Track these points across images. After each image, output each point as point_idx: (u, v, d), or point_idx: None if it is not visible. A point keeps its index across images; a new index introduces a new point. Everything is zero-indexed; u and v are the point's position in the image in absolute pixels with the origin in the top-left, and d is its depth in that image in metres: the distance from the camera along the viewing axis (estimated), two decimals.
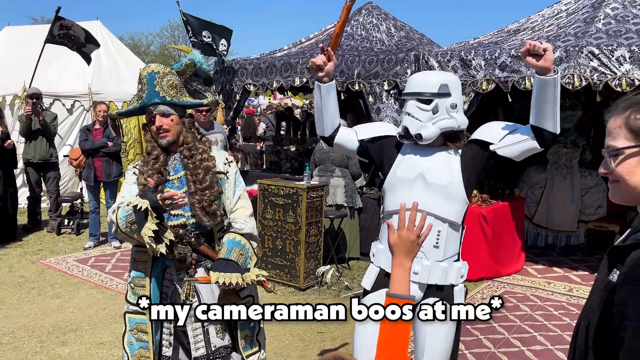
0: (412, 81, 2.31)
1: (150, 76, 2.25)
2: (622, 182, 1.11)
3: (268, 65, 6.58)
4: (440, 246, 2.26)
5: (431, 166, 2.27)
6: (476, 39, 5.88)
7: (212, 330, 2.34)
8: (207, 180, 2.25)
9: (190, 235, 2.28)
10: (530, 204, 6.74)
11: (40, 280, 5.22)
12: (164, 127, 2.25)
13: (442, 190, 2.24)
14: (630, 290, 0.97)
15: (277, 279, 5.19)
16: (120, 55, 9.88)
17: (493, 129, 2.30)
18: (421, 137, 2.23)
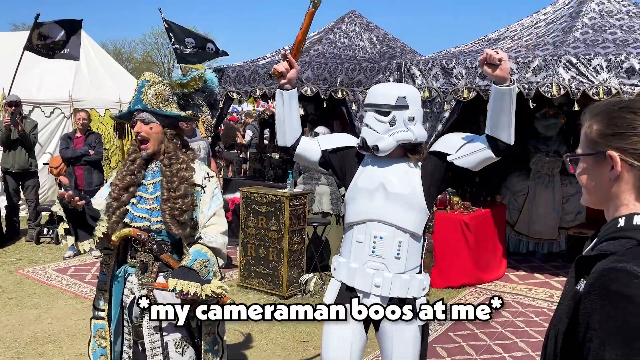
0: (371, 93, 2.32)
1: (142, 83, 2.32)
2: (583, 186, 1.20)
3: (251, 72, 6.58)
4: (402, 257, 2.25)
5: (391, 177, 2.27)
6: (457, 48, 5.94)
7: (172, 344, 2.28)
8: (181, 189, 2.24)
9: (152, 242, 2.26)
10: (513, 210, 6.81)
11: (18, 290, 5.12)
12: (141, 134, 2.27)
13: (403, 200, 2.24)
14: (595, 301, 0.99)
15: (259, 288, 5.17)
16: (101, 62, 9.80)
17: (450, 140, 2.32)
18: (378, 149, 2.23)
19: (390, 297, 2.24)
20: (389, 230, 2.24)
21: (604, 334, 0.96)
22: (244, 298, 5.04)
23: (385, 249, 2.24)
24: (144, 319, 2.27)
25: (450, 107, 5.31)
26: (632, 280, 0.96)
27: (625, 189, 1.11)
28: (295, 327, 4.37)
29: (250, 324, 4.41)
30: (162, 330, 2.27)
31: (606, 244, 1.08)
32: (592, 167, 1.16)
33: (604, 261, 1.03)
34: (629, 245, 1.04)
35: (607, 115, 1.14)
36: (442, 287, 5.42)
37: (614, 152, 1.10)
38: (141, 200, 2.30)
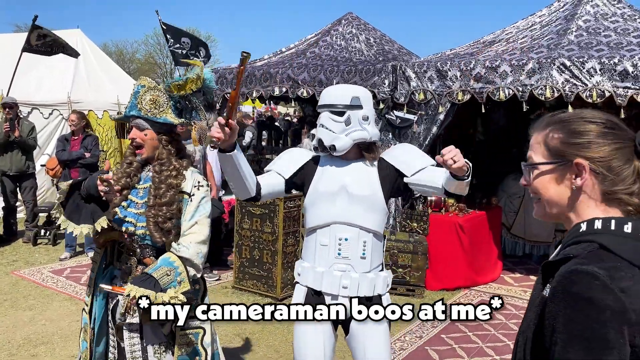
0: (325, 94, 2.35)
1: (137, 89, 2.30)
2: (541, 197, 1.19)
3: (248, 74, 6.59)
4: (367, 257, 2.30)
5: (352, 178, 2.30)
6: (452, 50, 5.95)
7: (150, 349, 2.29)
8: (167, 196, 2.23)
9: (135, 246, 2.27)
10: (509, 213, 6.81)
11: (13, 292, 5.14)
12: (136, 141, 2.28)
13: (366, 200, 2.28)
14: (559, 304, 1.00)
15: (254, 290, 5.18)
16: (100, 64, 9.83)
17: (409, 159, 2.34)
18: (335, 148, 2.25)
19: (358, 296, 2.26)
20: (354, 232, 2.28)
21: (567, 336, 0.98)
22: (237, 300, 5.05)
23: (351, 250, 2.28)
24: (125, 321, 2.29)
25: (445, 109, 5.32)
26: (593, 282, 0.98)
27: (587, 196, 1.13)
28: (288, 330, 4.38)
29: (243, 326, 4.42)
30: (141, 335, 2.28)
31: (569, 248, 1.10)
32: (555, 176, 1.16)
33: (566, 264, 1.05)
34: (590, 248, 1.06)
35: (567, 124, 1.15)
36: (436, 289, 5.42)
37: (582, 160, 1.11)
38: (131, 204, 2.31)
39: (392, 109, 5.61)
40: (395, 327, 4.41)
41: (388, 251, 5.27)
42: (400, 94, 5.55)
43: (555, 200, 1.17)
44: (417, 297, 5.22)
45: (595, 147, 1.11)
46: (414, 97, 5.47)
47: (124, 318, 2.29)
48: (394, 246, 5.28)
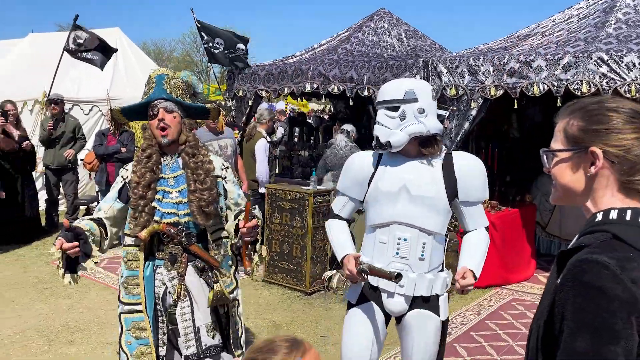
0: (381, 91, 2.31)
1: (160, 77, 2.37)
2: (557, 182, 1.19)
3: (280, 71, 6.65)
4: (426, 258, 2.25)
5: (414, 177, 2.24)
6: (485, 45, 5.86)
7: (203, 329, 2.40)
8: (208, 181, 2.33)
9: (181, 235, 2.34)
10: (544, 211, 6.66)
11: (53, 280, 5.34)
12: (165, 122, 2.32)
13: (428, 202, 2.22)
14: (568, 292, 1.00)
15: (283, 283, 5.24)
16: (138, 62, 10.08)
17: (470, 186, 2.27)
18: (390, 145, 2.20)
19: (415, 296, 2.27)
20: (413, 232, 2.23)
21: (575, 324, 0.98)
22: (268, 293, 5.12)
23: (409, 251, 2.24)
24: (177, 306, 2.39)
25: (478, 105, 5.24)
26: (603, 272, 0.98)
27: (603, 184, 1.12)
28: (316, 323, 4.42)
29: (272, 318, 4.49)
30: (194, 317, 2.38)
31: (583, 238, 1.11)
32: (571, 163, 1.16)
33: (578, 253, 1.05)
34: (604, 238, 1.06)
35: (588, 112, 1.14)
36: None
37: (596, 149, 1.11)
38: (165, 194, 2.37)
39: None
40: None
41: None
42: None
43: (570, 187, 1.17)
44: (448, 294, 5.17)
45: (614, 135, 1.10)
46: (445, 93, 5.41)
47: (175, 304, 2.39)
48: None
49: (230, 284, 2.51)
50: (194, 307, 2.39)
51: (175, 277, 2.38)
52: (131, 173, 2.40)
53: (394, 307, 2.29)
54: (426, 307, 2.27)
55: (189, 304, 2.39)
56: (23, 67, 10.13)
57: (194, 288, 2.39)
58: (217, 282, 2.41)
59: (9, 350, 3.79)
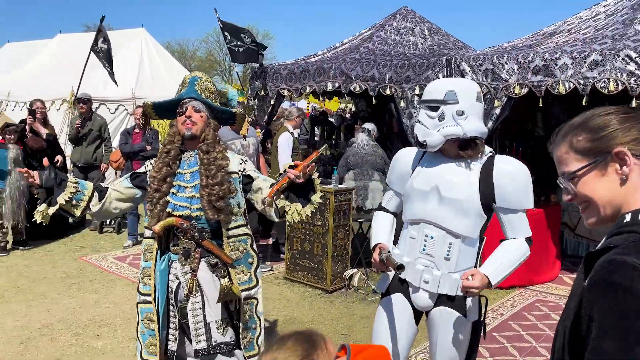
0: (426, 89, 2.32)
1: (193, 79, 2.49)
2: (592, 201, 1.14)
3: (302, 70, 6.68)
4: (452, 259, 2.23)
5: (447, 178, 2.23)
6: (510, 43, 5.79)
7: (213, 325, 2.43)
8: (218, 177, 2.38)
9: (194, 230, 2.38)
10: (572, 212, 6.54)
11: (80, 276, 5.47)
12: (192, 119, 2.41)
13: (457, 205, 2.20)
14: (596, 293, 0.99)
15: (305, 281, 5.27)
16: (162, 62, 10.23)
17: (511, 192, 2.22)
18: (426, 145, 2.21)
19: (440, 294, 2.27)
20: (440, 232, 2.24)
21: (604, 325, 0.97)
22: (289, 290, 5.16)
23: (435, 249, 2.24)
24: (189, 301, 2.42)
25: (501, 103, 5.19)
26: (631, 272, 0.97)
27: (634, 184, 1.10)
28: (337, 321, 4.44)
29: (294, 314, 4.52)
30: (204, 312, 2.41)
31: (612, 239, 1.09)
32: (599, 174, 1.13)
33: (606, 255, 1.04)
34: (632, 239, 1.04)
35: (585, 125, 1.15)
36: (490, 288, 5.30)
37: (621, 148, 1.09)
38: (180, 189, 2.44)
39: None
40: None
41: None
42: None
43: (609, 198, 1.13)
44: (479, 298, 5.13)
45: (622, 132, 1.10)
46: None
47: (187, 298, 2.42)
48: None
49: (249, 281, 2.52)
50: (205, 302, 2.42)
51: (188, 272, 2.42)
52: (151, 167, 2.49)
53: (419, 301, 2.32)
54: (450, 306, 2.26)
55: (201, 300, 2.42)
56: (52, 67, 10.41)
57: (206, 284, 2.43)
58: (224, 278, 2.42)
59: (38, 343, 3.90)
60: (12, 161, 5.93)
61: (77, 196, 2.42)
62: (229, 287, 2.39)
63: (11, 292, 4.94)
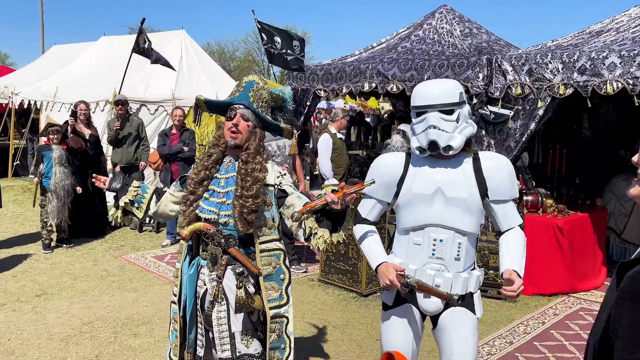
0: (426, 94, 2.23)
1: (249, 83, 2.45)
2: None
3: (338, 70, 6.64)
4: (461, 258, 2.27)
5: (448, 179, 2.24)
6: (554, 41, 5.59)
7: (238, 335, 2.39)
8: (254, 189, 2.33)
9: (220, 236, 2.35)
10: (619, 216, 6.28)
11: (120, 274, 5.59)
12: (239, 127, 2.38)
13: (462, 203, 2.23)
14: (624, 304, 0.96)
15: (339, 284, 5.23)
16: (201, 64, 10.36)
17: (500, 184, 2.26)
18: (452, 148, 2.19)
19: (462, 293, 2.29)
20: (449, 234, 2.25)
21: (630, 336, 0.93)
22: (323, 293, 5.13)
23: (445, 251, 2.27)
24: (214, 309, 2.40)
25: (545, 104, 5.02)
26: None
27: None
28: (372, 325, 4.38)
29: (327, 319, 4.48)
30: (229, 322, 2.39)
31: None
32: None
33: (638, 266, 0.98)
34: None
35: None
36: (531, 294, 5.16)
37: None
38: (213, 193, 2.42)
39: (486, 104, 5.39)
40: (484, 330, 4.26)
41: (479, 252, 5.08)
42: (495, 88, 5.31)
43: None
44: (510, 301, 4.99)
45: None
46: (510, 92, 5.21)
47: (212, 306, 2.41)
48: (485, 247, 5.09)
49: (279, 299, 2.44)
50: (230, 311, 2.39)
51: (215, 279, 2.39)
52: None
53: (429, 306, 2.31)
54: (462, 305, 2.30)
55: (226, 308, 2.39)
56: (96, 69, 10.70)
57: (231, 292, 2.38)
58: (240, 288, 2.35)
59: (78, 340, 4.00)
60: (57, 161, 6.11)
61: (138, 199, 2.60)
62: (244, 299, 2.33)
63: (54, 289, 5.09)
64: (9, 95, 11.20)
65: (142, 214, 2.61)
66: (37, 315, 4.45)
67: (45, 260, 6.02)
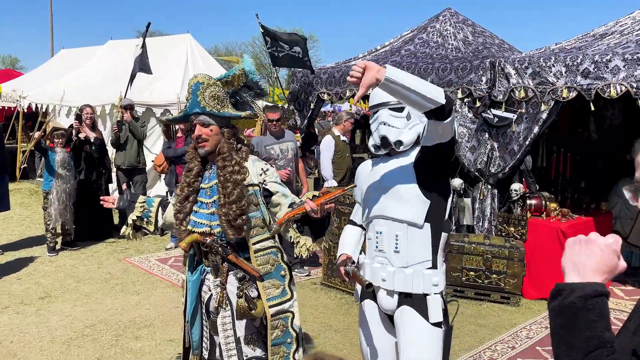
0: (377, 93, 2.29)
1: (195, 86, 2.32)
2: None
3: (342, 74, 6.63)
4: (401, 251, 2.21)
5: (389, 171, 2.27)
6: (558, 45, 5.56)
7: (243, 340, 2.40)
8: (234, 194, 2.28)
9: (217, 245, 2.35)
10: (625, 220, 6.23)
11: (124, 277, 5.62)
12: (202, 137, 2.32)
13: (395, 191, 2.21)
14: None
15: (342, 287, 5.22)
16: (206, 67, 10.40)
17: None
18: (402, 143, 2.24)
19: (399, 291, 2.21)
20: (387, 225, 2.24)
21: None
22: (325, 296, 5.12)
23: (385, 244, 2.25)
24: (219, 315, 2.41)
25: (548, 107, 4.99)
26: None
27: None
28: None
29: (329, 322, 4.48)
30: (234, 327, 2.40)
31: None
32: None
33: None
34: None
35: None
36: (535, 299, 5.12)
37: None
38: (201, 205, 2.42)
39: (489, 107, 5.37)
40: (486, 335, 4.24)
41: (482, 256, 5.06)
42: (498, 92, 5.29)
43: None
44: (513, 305, 4.96)
45: None
46: (513, 95, 5.19)
47: (216, 312, 2.42)
48: (488, 251, 5.06)
49: (282, 295, 2.45)
50: (235, 316, 2.40)
51: (219, 285, 2.40)
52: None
53: (384, 303, 2.27)
54: (409, 305, 2.20)
55: (230, 314, 2.40)
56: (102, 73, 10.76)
57: (235, 297, 2.39)
58: (241, 298, 2.34)
59: (80, 342, 4.02)
60: (59, 164, 6.15)
61: (146, 214, 2.63)
62: (244, 308, 2.33)
63: (58, 292, 5.12)
64: (17, 98, 11.31)
65: (152, 227, 2.65)
66: (40, 317, 4.47)
67: (50, 263, 6.06)
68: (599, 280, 1.01)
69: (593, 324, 0.96)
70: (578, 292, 0.99)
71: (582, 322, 0.97)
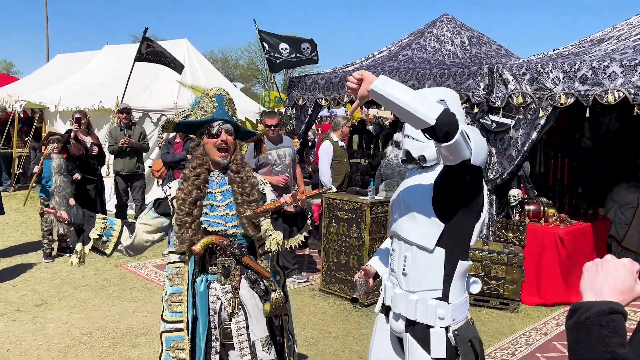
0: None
1: (219, 97, 2.39)
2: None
3: (340, 79, 6.63)
4: (409, 274, 2.04)
5: (410, 184, 2.12)
6: (555, 50, 5.58)
7: (258, 343, 2.39)
8: (255, 194, 2.37)
9: (234, 246, 2.36)
10: (620, 225, 6.25)
11: (121, 283, 5.58)
12: (227, 144, 2.36)
13: (407, 209, 2.06)
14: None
15: (340, 293, 5.20)
16: (203, 72, 10.40)
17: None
18: (425, 159, 2.09)
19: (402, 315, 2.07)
20: (399, 244, 2.12)
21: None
22: (324, 303, 5.10)
23: (395, 264, 2.14)
24: (232, 320, 2.39)
25: (546, 113, 5.00)
26: None
27: None
28: None
29: (329, 329, 4.46)
30: (249, 331, 2.39)
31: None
32: None
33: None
34: None
35: None
36: (533, 304, 5.12)
37: None
38: (212, 208, 2.40)
39: (487, 113, 5.38)
40: (485, 341, 4.22)
41: (480, 262, 5.05)
42: (496, 98, 5.30)
43: None
44: (512, 311, 4.95)
45: None
46: (511, 101, 5.20)
47: (229, 318, 2.40)
48: (487, 257, 5.06)
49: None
50: (249, 320, 2.40)
51: (230, 291, 2.37)
52: (177, 190, 2.40)
53: (393, 325, 2.15)
54: (412, 334, 2.03)
55: (244, 318, 2.39)
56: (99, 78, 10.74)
57: (248, 301, 2.40)
58: (275, 290, 2.43)
59: (77, 350, 3.98)
60: (56, 170, 6.12)
61: (107, 232, 2.39)
62: (280, 301, 2.40)
63: (54, 299, 5.08)
64: (12, 103, 11.26)
65: (110, 249, 2.40)
66: (36, 325, 4.43)
67: (46, 269, 6.02)
68: (615, 299, 1.02)
69: (607, 339, 0.96)
70: (593, 309, 0.99)
71: (596, 337, 0.97)
